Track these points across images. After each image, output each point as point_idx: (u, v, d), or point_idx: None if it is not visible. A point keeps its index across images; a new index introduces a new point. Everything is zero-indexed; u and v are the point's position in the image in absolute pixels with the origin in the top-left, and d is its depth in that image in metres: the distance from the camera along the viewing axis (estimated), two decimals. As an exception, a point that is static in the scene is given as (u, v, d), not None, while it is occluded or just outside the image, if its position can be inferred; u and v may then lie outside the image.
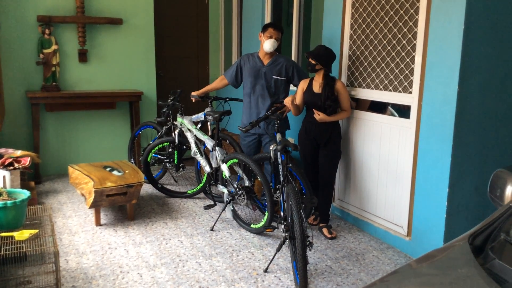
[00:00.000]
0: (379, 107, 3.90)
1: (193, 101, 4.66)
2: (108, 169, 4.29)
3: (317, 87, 3.89)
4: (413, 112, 3.52)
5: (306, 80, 4.02)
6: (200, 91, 4.63)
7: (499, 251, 1.62)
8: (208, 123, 4.74)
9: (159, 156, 4.90)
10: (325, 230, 3.98)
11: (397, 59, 3.64)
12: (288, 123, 4.38)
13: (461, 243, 1.70)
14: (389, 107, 3.81)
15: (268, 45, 4.16)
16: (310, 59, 3.81)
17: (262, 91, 4.26)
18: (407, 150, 3.60)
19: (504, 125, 3.46)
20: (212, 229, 4.04)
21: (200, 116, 4.54)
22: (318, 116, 3.78)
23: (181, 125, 4.64)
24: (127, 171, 4.25)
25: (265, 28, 4.23)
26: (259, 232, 3.91)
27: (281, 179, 3.48)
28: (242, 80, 4.44)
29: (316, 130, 3.90)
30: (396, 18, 3.63)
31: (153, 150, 4.77)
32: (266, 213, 3.75)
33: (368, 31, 3.92)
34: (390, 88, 3.73)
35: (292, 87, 4.48)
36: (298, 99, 3.98)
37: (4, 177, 3.73)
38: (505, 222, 1.73)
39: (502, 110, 3.42)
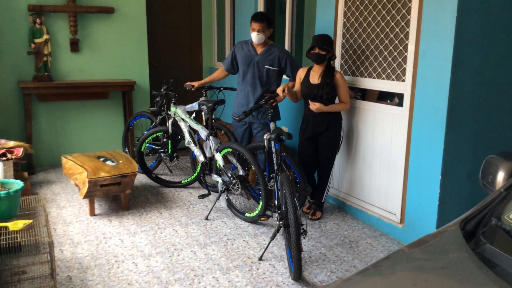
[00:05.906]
0: (385, 98, 3.86)
1: (187, 89, 4.64)
2: (101, 159, 4.28)
3: (314, 78, 3.86)
4: (406, 100, 3.53)
5: (304, 69, 3.99)
6: (200, 82, 4.63)
7: (490, 236, 1.64)
8: (203, 113, 4.73)
9: (153, 146, 4.90)
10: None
11: (390, 47, 3.64)
12: (279, 113, 4.36)
13: (453, 228, 1.72)
14: (395, 98, 3.76)
15: (253, 38, 4.15)
16: (319, 51, 3.73)
17: (253, 80, 4.24)
18: (400, 138, 3.62)
19: (496, 113, 3.49)
20: (206, 218, 4.05)
21: (194, 105, 4.53)
22: (314, 106, 3.77)
23: (174, 114, 4.63)
24: (120, 161, 4.24)
25: (250, 21, 4.21)
26: (253, 220, 3.93)
27: (275, 168, 3.49)
28: (238, 67, 4.42)
29: (314, 121, 3.88)
30: (389, 6, 3.62)
31: (147, 140, 4.76)
32: (260, 202, 3.77)
33: (361, 19, 3.91)
34: (384, 76, 3.73)
35: (284, 77, 4.47)
36: (297, 86, 3.99)
37: (-3, 167, 3.72)
38: (496, 207, 1.75)
39: (494, 97, 3.44)
